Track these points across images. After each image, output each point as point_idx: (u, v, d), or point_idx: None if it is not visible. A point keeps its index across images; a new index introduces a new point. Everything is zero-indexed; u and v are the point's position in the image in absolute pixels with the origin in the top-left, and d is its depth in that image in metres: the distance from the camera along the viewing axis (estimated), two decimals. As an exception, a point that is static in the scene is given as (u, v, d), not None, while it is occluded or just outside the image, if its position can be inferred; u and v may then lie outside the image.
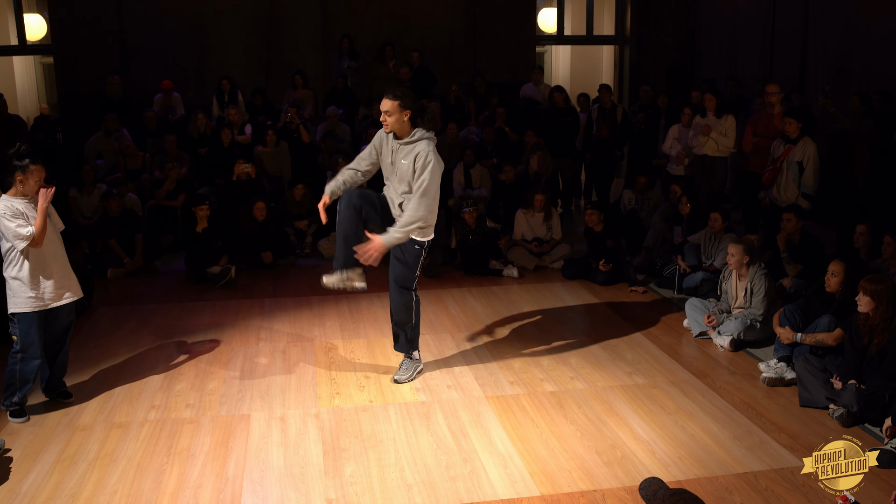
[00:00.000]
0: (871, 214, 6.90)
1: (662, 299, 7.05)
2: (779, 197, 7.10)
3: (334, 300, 6.87)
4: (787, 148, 7.02)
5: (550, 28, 12.80)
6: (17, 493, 3.91)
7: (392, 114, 4.76)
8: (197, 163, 9.51)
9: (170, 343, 5.93)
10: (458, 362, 5.53)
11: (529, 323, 6.36)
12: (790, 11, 10.13)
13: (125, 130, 9.56)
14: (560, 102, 10.12)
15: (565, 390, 5.08)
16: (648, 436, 4.47)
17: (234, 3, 11.29)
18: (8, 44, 11.58)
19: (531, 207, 8.01)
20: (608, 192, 10.31)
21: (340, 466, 4.15)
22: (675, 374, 5.34)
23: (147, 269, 7.84)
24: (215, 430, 4.55)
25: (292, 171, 9.48)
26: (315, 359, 5.62)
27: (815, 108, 8.67)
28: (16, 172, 4.50)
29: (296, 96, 10.47)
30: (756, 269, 5.86)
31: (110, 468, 4.13)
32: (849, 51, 9.21)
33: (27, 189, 4.54)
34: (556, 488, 3.94)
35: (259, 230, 7.99)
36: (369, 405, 4.87)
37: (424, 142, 4.79)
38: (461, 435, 4.48)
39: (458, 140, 9.90)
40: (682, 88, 11.66)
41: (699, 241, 7.16)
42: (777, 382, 5.14)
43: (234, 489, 3.95)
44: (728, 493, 3.90)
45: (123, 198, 8.05)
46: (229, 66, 11.07)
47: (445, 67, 11.52)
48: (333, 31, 11.24)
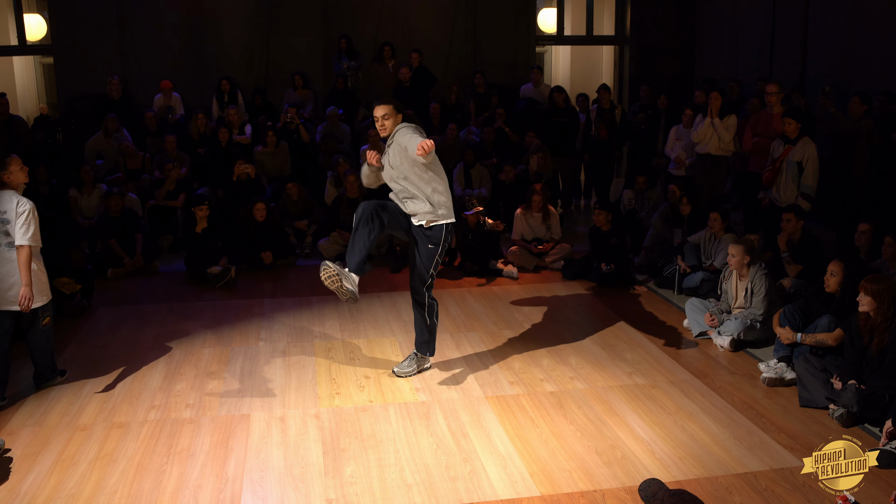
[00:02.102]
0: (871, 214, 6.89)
1: (662, 299, 7.05)
2: (778, 197, 7.10)
3: (334, 300, 6.87)
4: (786, 148, 7.02)
5: (550, 28, 12.79)
6: (17, 493, 3.91)
7: (389, 116, 4.96)
8: (197, 163, 9.51)
9: (170, 343, 5.93)
10: (458, 362, 5.53)
11: (529, 323, 6.36)
12: (790, 11, 10.13)
13: (125, 130, 9.56)
14: (560, 103, 10.12)
15: (565, 390, 5.08)
16: (648, 436, 4.47)
17: (234, 3, 11.28)
18: (8, 44, 11.57)
19: (529, 207, 8.01)
20: (608, 193, 10.31)
21: (340, 466, 4.15)
22: (675, 374, 5.35)
23: (147, 269, 7.85)
24: (215, 430, 4.55)
25: (292, 172, 9.48)
26: (315, 359, 5.62)
27: (816, 108, 8.66)
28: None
29: (296, 96, 10.48)
30: (756, 269, 5.86)
31: (110, 468, 4.13)
32: (849, 50, 9.21)
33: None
34: (556, 488, 3.94)
35: (259, 230, 7.99)
36: (369, 405, 4.87)
37: (404, 126, 4.99)
38: (461, 435, 4.48)
39: (458, 140, 9.91)
40: (682, 88, 11.66)
41: (699, 241, 7.16)
42: (777, 382, 5.14)
43: (234, 489, 3.95)
44: (728, 493, 3.90)
45: (123, 198, 8.05)
46: (229, 66, 11.07)
47: (445, 67, 11.51)
48: (333, 31, 11.24)
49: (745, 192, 8.38)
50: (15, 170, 4.81)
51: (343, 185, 8.53)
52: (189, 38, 11.18)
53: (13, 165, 4.80)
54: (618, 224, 7.62)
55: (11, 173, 4.79)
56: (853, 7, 9.13)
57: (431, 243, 5.04)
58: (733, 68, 11.18)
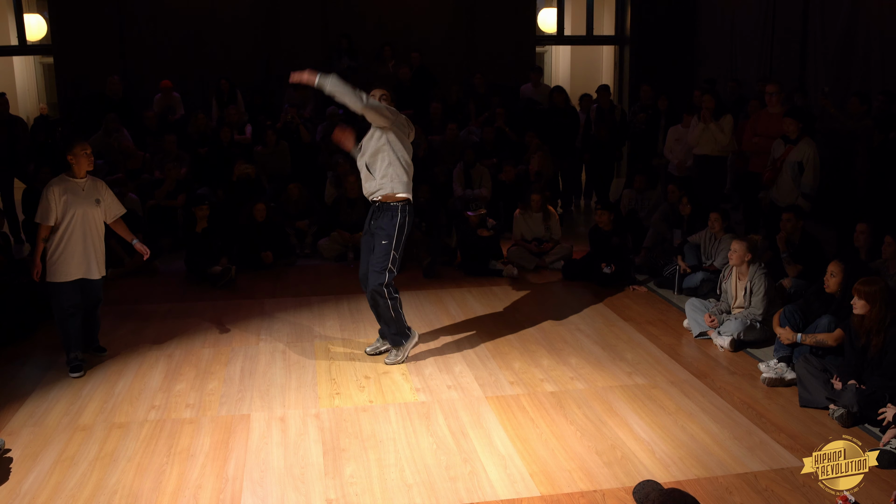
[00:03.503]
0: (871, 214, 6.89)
1: (662, 299, 7.05)
2: (778, 197, 7.10)
3: (334, 300, 6.88)
4: (786, 148, 7.02)
5: (550, 28, 12.80)
6: (17, 493, 3.91)
7: (383, 99, 5.36)
8: (197, 163, 9.51)
9: (170, 343, 5.93)
10: (458, 362, 5.53)
11: (529, 323, 6.36)
12: (790, 11, 10.13)
13: (125, 130, 9.56)
14: (560, 103, 10.12)
15: (565, 390, 5.08)
16: (648, 436, 4.47)
17: (234, 3, 11.29)
18: (8, 44, 11.59)
19: (528, 207, 8.01)
20: (608, 192, 10.31)
21: (340, 466, 4.15)
22: (675, 375, 5.35)
23: (147, 269, 7.84)
24: (215, 430, 4.55)
25: (292, 172, 9.48)
26: (315, 359, 5.62)
27: (816, 108, 8.67)
28: (67, 155, 5.22)
29: (296, 96, 10.47)
30: (756, 268, 5.86)
31: (110, 468, 4.13)
32: (848, 50, 9.21)
33: (82, 166, 5.27)
34: (556, 488, 3.94)
35: (259, 230, 7.99)
36: (369, 405, 4.87)
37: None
38: (461, 435, 4.48)
39: (458, 140, 9.91)
40: (682, 89, 11.66)
41: (699, 241, 7.16)
42: (777, 383, 5.14)
43: (234, 489, 3.95)
44: (728, 493, 3.90)
45: (123, 198, 8.04)
46: (229, 66, 11.07)
47: (445, 67, 11.51)
48: (333, 31, 11.25)
49: (746, 192, 8.38)
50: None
51: (343, 185, 8.53)
52: (189, 38, 11.19)
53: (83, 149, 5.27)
54: (618, 224, 7.62)
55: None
56: (853, 7, 9.13)
57: (386, 236, 5.22)
58: (733, 68, 11.18)
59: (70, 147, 5.22)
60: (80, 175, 5.27)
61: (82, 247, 5.26)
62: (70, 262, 5.23)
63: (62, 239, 5.20)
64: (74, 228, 5.21)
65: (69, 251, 5.22)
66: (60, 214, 5.17)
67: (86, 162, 5.25)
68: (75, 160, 5.22)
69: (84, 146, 5.24)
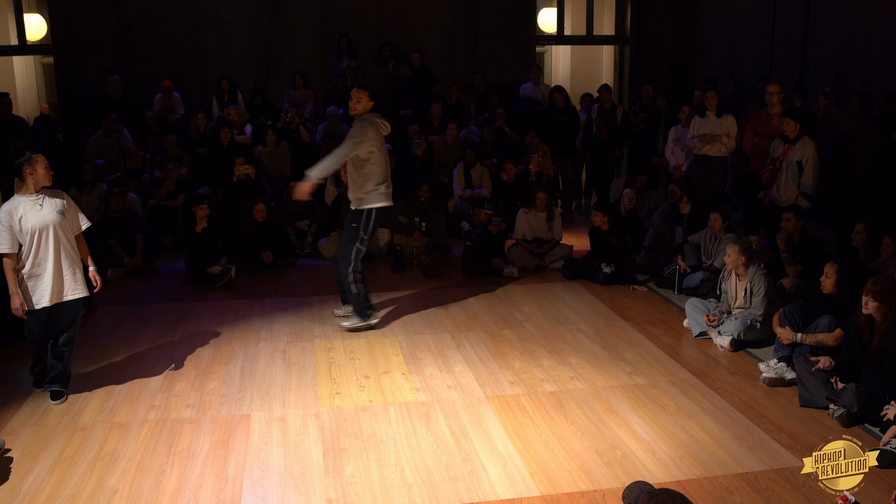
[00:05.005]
0: (871, 214, 6.89)
1: (662, 299, 7.05)
2: (779, 197, 7.10)
3: (334, 300, 6.87)
4: (786, 148, 7.02)
5: (550, 28, 12.79)
6: (17, 493, 3.91)
7: (360, 101, 5.80)
8: (197, 163, 9.51)
9: (170, 343, 5.93)
10: (458, 362, 5.53)
11: (529, 323, 6.36)
12: (790, 11, 10.13)
13: (125, 130, 9.56)
14: (560, 102, 10.11)
15: (565, 390, 5.08)
16: (648, 436, 4.47)
17: (235, 4, 11.28)
18: (8, 44, 11.57)
19: (533, 206, 8.00)
20: (608, 192, 10.31)
21: (340, 466, 4.15)
22: (675, 374, 5.35)
23: (147, 269, 7.84)
24: (215, 430, 4.55)
25: (292, 172, 9.48)
26: (315, 359, 5.62)
27: (816, 108, 8.66)
28: (23, 168, 4.70)
29: (296, 96, 10.47)
30: (755, 269, 5.86)
31: (110, 468, 4.13)
32: (849, 51, 9.21)
33: (39, 179, 4.75)
34: (556, 488, 3.94)
35: (259, 230, 7.99)
36: (369, 405, 4.87)
37: (365, 118, 5.81)
38: (461, 435, 4.48)
39: (458, 140, 9.91)
40: (682, 88, 11.66)
41: (699, 241, 7.16)
42: (777, 382, 5.14)
43: (234, 489, 3.95)
44: (728, 493, 3.90)
45: (123, 198, 8.05)
46: (229, 66, 11.06)
47: (445, 67, 11.51)
48: (333, 31, 11.23)
49: (745, 191, 8.37)
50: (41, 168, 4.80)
51: (343, 185, 8.52)
52: (189, 38, 11.18)
53: (41, 162, 4.79)
54: (618, 224, 7.62)
55: (37, 171, 4.78)
56: (853, 7, 9.12)
57: (354, 222, 5.89)
58: (733, 68, 11.18)
59: (29, 160, 4.69)
60: (36, 189, 4.73)
61: (52, 267, 4.72)
62: (36, 287, 4.72)
63: (29, 262, 4.69)
64: (39, 248, 4.70)
65: (36, 274, 4.72)
66: (22, 237, 4.67)
67: (44, 175, 4.74)
68: (34, 173, 4.69)
69: (43, 159, 4.73)
